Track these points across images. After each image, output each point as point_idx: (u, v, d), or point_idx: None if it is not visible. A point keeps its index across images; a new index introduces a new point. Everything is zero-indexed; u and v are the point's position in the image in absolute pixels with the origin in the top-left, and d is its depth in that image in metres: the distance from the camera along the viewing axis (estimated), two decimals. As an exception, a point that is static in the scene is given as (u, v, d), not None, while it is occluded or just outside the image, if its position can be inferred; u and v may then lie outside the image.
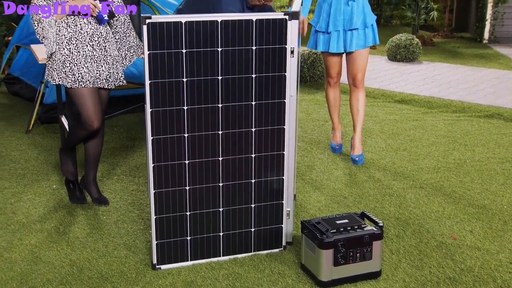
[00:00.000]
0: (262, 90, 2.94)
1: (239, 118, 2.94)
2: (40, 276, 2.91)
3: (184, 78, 2.81)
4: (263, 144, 3.01)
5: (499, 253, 3.13)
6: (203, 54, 2.81)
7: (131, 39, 3.62)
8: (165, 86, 2.80)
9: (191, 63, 2.80)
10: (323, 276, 2.80)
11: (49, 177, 4.17)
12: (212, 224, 3.05)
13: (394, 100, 6.43)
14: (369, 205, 3.73)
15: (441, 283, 2.85)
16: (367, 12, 4.28)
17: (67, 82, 3.32)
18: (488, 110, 5.91)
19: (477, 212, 3.62)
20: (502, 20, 10.65)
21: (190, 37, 2.77)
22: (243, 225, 3.10)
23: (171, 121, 2.85)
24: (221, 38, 2.81)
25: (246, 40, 2.85)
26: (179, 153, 2.90)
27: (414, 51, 8.67)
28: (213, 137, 2.93)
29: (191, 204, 2.99)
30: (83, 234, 3.34)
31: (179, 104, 2.84)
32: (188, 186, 2.96)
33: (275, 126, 3.01)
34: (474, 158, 4.58)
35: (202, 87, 2.85)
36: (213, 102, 2.88)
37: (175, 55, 2.77)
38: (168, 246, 3.01)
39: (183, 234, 3.02)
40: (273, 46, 2.89)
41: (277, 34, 2.88)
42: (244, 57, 2.87)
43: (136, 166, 4.39)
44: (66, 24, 3.29)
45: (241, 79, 2.89)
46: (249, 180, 3.04)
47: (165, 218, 2.96)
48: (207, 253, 3.08)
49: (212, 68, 2.84)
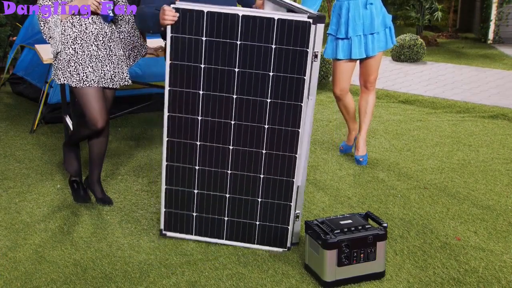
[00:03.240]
0: (279, 89, 2.94)
1: (252, 112, 2.98)
2: (44, 276, 2.92)
3: (202, 64, 2.91)
4: (275, 143, 3.02)
5: (504, 254, 3.12)
6: (222, 44, 2.88)
7: (135, 39, 3.62)
8: (184, 68, 2.93)
9: (209, 51, 2.90)
10: (327, 277, 2.80)
11: (53, 177, 4.18)
12: (218, 207, 3.11)
13: (398, 101, 6.42)
14: (373, 206, 3.72)
15: (445, 284, 2.84)
16: (384, 12, 4.21)
17: (72, 81, 3.32)
18: (492, 110, 5.90)
19: (481, 212, 3.62)
20: (506, 20, 10.62)
21: (211, 27, 2.86)
22: (247, 216, 3.13)
23: (186, 102, 2.96)
24: (241, 32, 2.85)
25: (266, 37, 2.86)
26: (192, 133, 3.01)
27: (418, 51, 8.65)
28: (225, 125, 2.99)
29: (199, 183, 3.09)
30: (87, 234, 3.34)
31: (195, 88, 2.95)
32: (198, 166, 3.06)
33: (289, 128, 3.00)
34: (478, 159, 4.56)
35: (219, 76, 2.93)
36: (228, 92, 2.95)
37: (195, 41, 2.88)
38: (175, 216, 3.13)
39: (190, 209, 3.12)
40: (293, 48, 2.87)
41: (299, 36, 2.84)
42: (262, 54, 2.89)
43: (140, 166, 4.40)
44: (71, 24, 3.30)
45: (258, 75, 2.92)
46: (257, 175, 3.07)
47: (174, 190, 3.08)
48: (211, 232, 3.14)
49: (229, 59, 2.91)
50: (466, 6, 12.06)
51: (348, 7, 4.13)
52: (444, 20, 12.04)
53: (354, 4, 4.12)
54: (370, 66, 4.29)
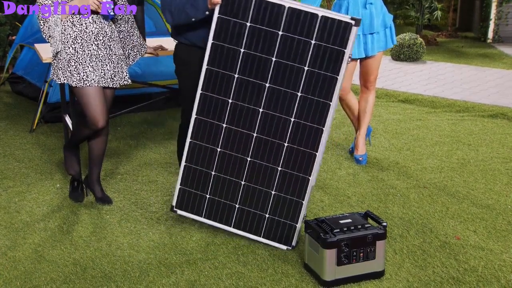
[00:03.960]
0: (311, 85, 2.99)
1: (281, 103, 3.03)
2: (43, 275, 2.92)
3: (242, 49, 3.00)
4: (298, 137, 3.06)
5: (503, 253, 3.12)
6: (264, 32, 2.97)
7: (135, 38, 3.62)
8: (224, 50, 3.02)
9: (251, 37, 2.99)
10: (327, 276, 2.80)
11: (52, 176, 4.18)
12: (231, 193, 3.15)
13: (398, 100, 6.42)
14: (372, 205, 3.72)
15: (444, 283, 2.85)
16: (385, 12, 4.20)
17: (72, 81, 3.32)
18: (492, 109, 5.90)
19: (481, 212, 3.62)
20: (506, 19, 10.62)
21: (256, 13, 2.96)
22: (259, 207, 3.16)
23: (221, 83, 3.03)
24: (284, 23, 2.94)
25: (307, 32, 2.94)
26: (220, 114, 3.07)
27: (418, 50, 8.65)
28: (254, 112, 3.05)
29: (217, 166, 3.13)
30: (87, 233, 3.34)
31: (231, 71, 3.04)
32: (220, 148, 3.11)
33: (314, 125, 3.04)
34: (478, 158, 4.57)
35: (256, 63, 3.01)
36: (262, 79, 3.01)
37: (240, 25, 2.98)
38: (189, 195, 3.18)
39: (204, 190, 3.16)
40: (332, 46, 2.93)
41: (339, 36, 2.92)
42: (301, 48, 2.96)
43: (140, 166, 4.40)
44: (71, 23, 3.30)
45: (293, 67, 2.99)
46: (275, 166, 3.11)
47: (193, 169, 3.12)
48: (220, 217, 3.17)
49: (269, 48, 2.99)
50: (466, 5, 12.06)
51: (347, 7, 4.13)
52: (444, 19, 12.04)
53: (353, 4, 4.11)
54: (370, 65, 4.28)
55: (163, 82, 5.92)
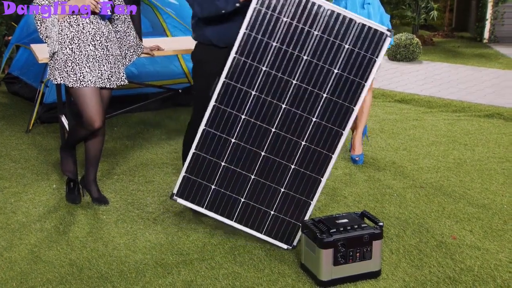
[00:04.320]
0: (338, 87, 3.05)
1: (305, 102, 3.05)
2: (40, 276, 2.91)
3: (274, 43, 3.00)
4: (317, 137, 3.09)
5: (499, 252, 3.13)
6: (299, 30, 3.00)
7: (131, 38, 3.62)
8: (255, 42, 3.00)
9: (286, 33, 3.00)
10: (323, 276, 2.80)
11: (49, 177, 4.17)
12: (239, 186, 3.12)
13: (394, 100, 6.43)
14: (369, 205, 3.73)
15: (440, 282, 2.85)
16: (382, 12, 4.20)
17: (69, 81, 3.31)
18: (488, 109, 5.91)
19: (477, 211, 3.62)
20: (502, 19, 10.65)
21: (294, 10, 2.98)
22: (265, 203, 3.14)
23: (246, 74, 3.01)
24: (321, 24, 2.99)
25: (343, 36, 3.01)
26: (240, 105, 3.04)
27: (414, 50, 8.66)
28: (276, 107, 3.05)
29: (229, 157, 3.09)
30: (83, 234, 3.34)
31: (260, 63, 3.02)
32: (235, 139, 3.07)
33: (335, 127, 3.08)
34: (474, 158, 4.57)
35: (286, 58, 3.02)
36: (290, 76, 3.02)
37: (276, 19, 2.99)
38: (193, 184, 3.11)
39: (210, 180, 3.10)
40: (364, 53, 3.02)
41: (373, 44, 3.01)
42: (334, 50, 3.01)
43: (136, 166, 4.39)
44: (68, 24, 3.29)
45: (323, 68, 3.03)
46: (289, 164, 3.11)
47: (202, 157, 3.07)
48: (222, 210, 3.13)
49: (302, 46, 3.01)
50: (462, 5, 12.08)
51: (345, 7, 4.13)
52: (440, 19, 12.05)
53: (351, 4, 4.12)
54: None
55: (160, 82, 5.91)
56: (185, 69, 6.13)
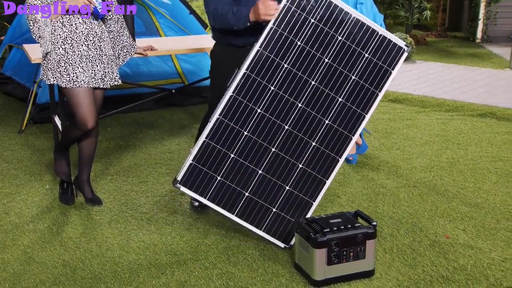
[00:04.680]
0: (353, 94, 3.14)
1: (321, 104, 3.11)
2: (33, 277, 2.90)
3: (299, 42, 3.05)
4: (327, 140, 3.13)
5: (492, 251, 3.14)
6: (324, 33, 3.08)
7: (125, 38, 3.61)
8: (280, 39, 3.04)
9: (311, 34, 3.06)
10: (317, 275, 2.80)
11: (42, 177, 4.16)
12: (245, 180, 3.11)
13: (388, 99, 6.44)
14: (362, 204, 3.73)
15: (434, 281, 2.86)
16: (375, 12, 4.20)
17: (62, 82, 3.30)
18: (481, 109, 5.93)
19: (470, 210, 3.63)
20: (495, 19, 10.69)
21: (322, 13, 3.07)
22: (268, 199, 3.14)
23: (268, 68, 3.03)
24: (346, 30, 3.09)
25: (364, 45, 3.12)
26: (258, 99, 3.05)
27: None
28: (292, 105, 3.08)
29: (239, 149, 3.09)
30: (77, 234, 3.32)
31: (282, 59, 3.05)
32: (247, 132, 3.07)
33: (345, 132, 3.16)
34: (467, 157, 4.59)
35: (308, 59, 3.07)
36: (310, 76, 3.07)
37: (304, 19, 3.05)
38: (198, 173, 3.07)
39: (217, 171, 3.08)
40: (382, 64, 3.14)
41: (391, 56, 3.15)
42: (354, 57, 3.11)
43: (130, 166, 4.38)
44: (61, 24, 3.27)
45: (342, 73, 3.11)
46: (297, 163, 3.13)
47: (212, 146, 3.05)
48: (225, 203, 3.10)
49: (325, 49, 3.09)
50: (455, 5, 12.12)
51: None
52: (433, 19, 12.09)
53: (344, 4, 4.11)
54: None
55: (153, 83, 5.90)
56: (179, 69, 6.12)
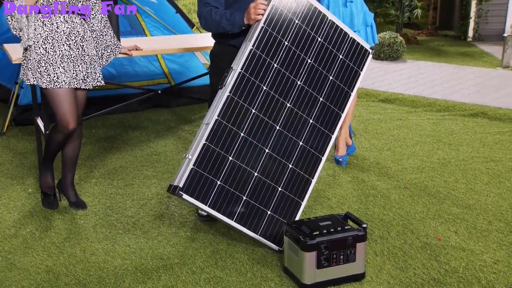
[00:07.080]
0: (331, 94, 3.29)
1: (305, 105, 3.22)
2: (14, 284, 2.83)
3: (286, 42, 3.16)
4: (311, 139, 3.24)
5: (484, 253, 3.09)
6: (306, 34, 3.21)
7: (108, 38, 3.54)
8: (271, 38, 3.12)
9: (295, 35, 3.18)
10: (306, 279, 2.75)
11: (24, 181, 4.07)
12: (242, 183, 3.09)
13: (378, 99, 6.40)
14: (352, 206, 3.68)
15: (425, 284, 2.81)
16: (366, 10, 4.15)
17: (42, 82, 3.22)
18: (472, 108, 5.90)
19: (461, 212, 3.59)
20: (486, 17, 10.70)
21: (304, 15, 3.20)
22: (263, 202, 3.12)
23: (260, 68, 3.11)
24: (323, 32, 3.25)
25: (338, 47, 3.31)
26: (252, 100, 3.09)
27: (398, 49, 8.66)
28: (282, 105, 3.17)
29: (237, 151, 3.08)
30: (60, 239, 3.25)
31: (272, 59, 3.13)
32: (243, 133, 3.07)
33: (326, 130, 3.29)
34: (458, 158, 4.55)
35: (293, 60, 3.18)
36: (296, 76, 3.19)
37: (289, 20, 3.16)
38: (199, 178, 3.00)
39: (217, 175, 3.03)
40: (352, 65, 3.37)
41: (359, 58, 3.39)
42: (331, 58, 3.29)
43: (115, 169, 4.30)
44: (42, 23, 3.20)
45: (321, 74, 3.26)
46: (287, 163, 3.17)
47: (211, 149, 3.03)
48: (225, 208, 3.04)
49: (307, 50, 3.22)
50: (446, 3, 12.13)
51: (327, 5, 4.08)
52: (424, 18, 12.09)
53: (333, 2, 4.07)
54: None
55: (139, 83, 5.83)
56: (165, 69, 6.05)
